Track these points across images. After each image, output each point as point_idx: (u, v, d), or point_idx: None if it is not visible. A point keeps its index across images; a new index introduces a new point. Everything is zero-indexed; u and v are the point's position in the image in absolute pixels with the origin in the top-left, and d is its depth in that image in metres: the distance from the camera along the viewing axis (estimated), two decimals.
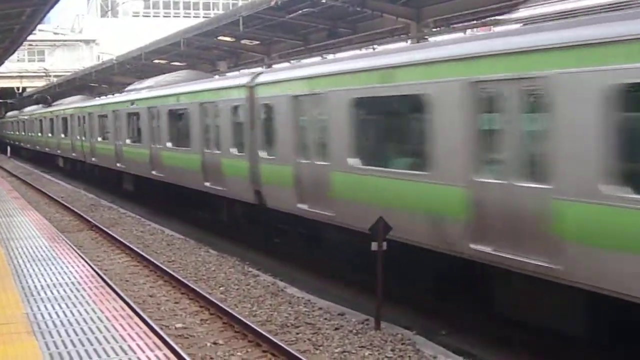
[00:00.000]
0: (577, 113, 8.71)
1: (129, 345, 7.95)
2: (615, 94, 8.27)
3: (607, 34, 8.37)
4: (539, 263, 9.28)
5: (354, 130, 13.49)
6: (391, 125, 14.02)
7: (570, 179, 8.81)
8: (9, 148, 67.52)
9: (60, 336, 8.38)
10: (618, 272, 8.29)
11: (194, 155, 21.18)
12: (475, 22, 21.73)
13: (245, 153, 17.98)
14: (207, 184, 20.37)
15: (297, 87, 15.53)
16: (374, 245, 11.49)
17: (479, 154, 10.43)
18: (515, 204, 9.68)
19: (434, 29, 21.62)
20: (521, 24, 10.60)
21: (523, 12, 10.86)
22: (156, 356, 7.55)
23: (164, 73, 39.91)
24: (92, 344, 8.04)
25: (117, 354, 7.67)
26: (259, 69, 20.40)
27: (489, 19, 20.83)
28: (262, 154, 17.11)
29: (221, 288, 14.70)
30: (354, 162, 13.32)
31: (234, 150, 18.66)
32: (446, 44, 11.78)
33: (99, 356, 7.63)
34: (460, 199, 10.63)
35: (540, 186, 9.31)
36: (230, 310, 12.48)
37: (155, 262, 16.64)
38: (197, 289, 14.04)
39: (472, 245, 10.45)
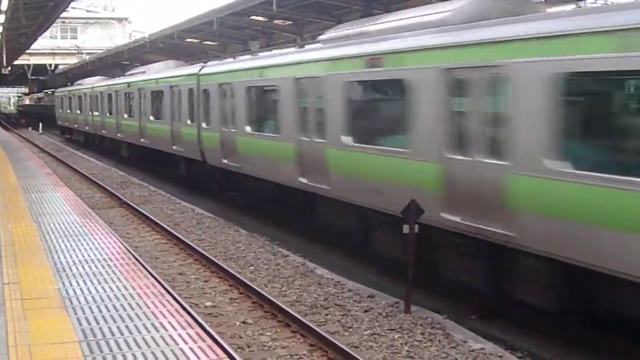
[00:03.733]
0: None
1: (160, 323, 7.98)
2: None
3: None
4: None
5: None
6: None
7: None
8: (40, 124, 67.91)
9: (92, 312, 8.42)
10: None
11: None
12: None
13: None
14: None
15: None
16: (405, 228, 11.44)
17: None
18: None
19: None
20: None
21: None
22: (188, 334, 7.56)
23: (196, 52, 40.07)
24: (124, 321, 8.07)
25: (149, 331, 7.69)
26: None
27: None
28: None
29: (251, 267, 14.72)
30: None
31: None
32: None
33: (130, 333, 7.65)
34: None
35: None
36: (259, 290, 12.49)
37: (185, 240, 16.68)
38: (227, 268, 14.06)
39: None
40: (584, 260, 9.17)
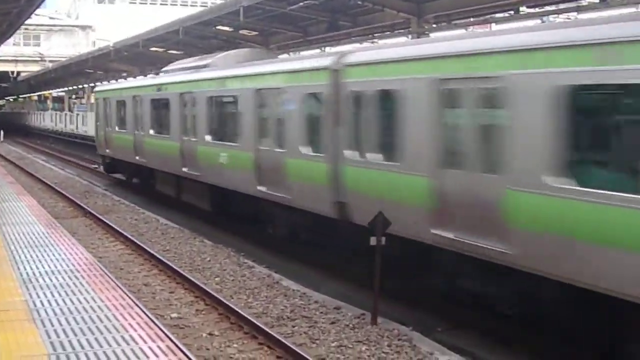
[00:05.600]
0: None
1: (130, 335, 7.97)
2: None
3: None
4: None
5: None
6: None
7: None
8: (1, 132, 67.04)
9: (61, 324, 8.39)
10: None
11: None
12: (473, 19, 21.73)
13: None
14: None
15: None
16: (372, 240, 11.50)
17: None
18: None
19: (434, 25, 21.60)
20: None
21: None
22: (158, 347, 7.56)
23: (160, 61, 39.88)
24: (93, 333, 8.05)
25: (119, 344, 7.68)
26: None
27: (489, 16, 20.85)
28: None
29: (216, 279, 14.70)
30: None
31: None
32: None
33: (100, 346, 7.64)
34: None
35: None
36: (225, 301, 12.47)
37: (150, 250, 16.60)
38: (193, 279, 14.02)
39: None
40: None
